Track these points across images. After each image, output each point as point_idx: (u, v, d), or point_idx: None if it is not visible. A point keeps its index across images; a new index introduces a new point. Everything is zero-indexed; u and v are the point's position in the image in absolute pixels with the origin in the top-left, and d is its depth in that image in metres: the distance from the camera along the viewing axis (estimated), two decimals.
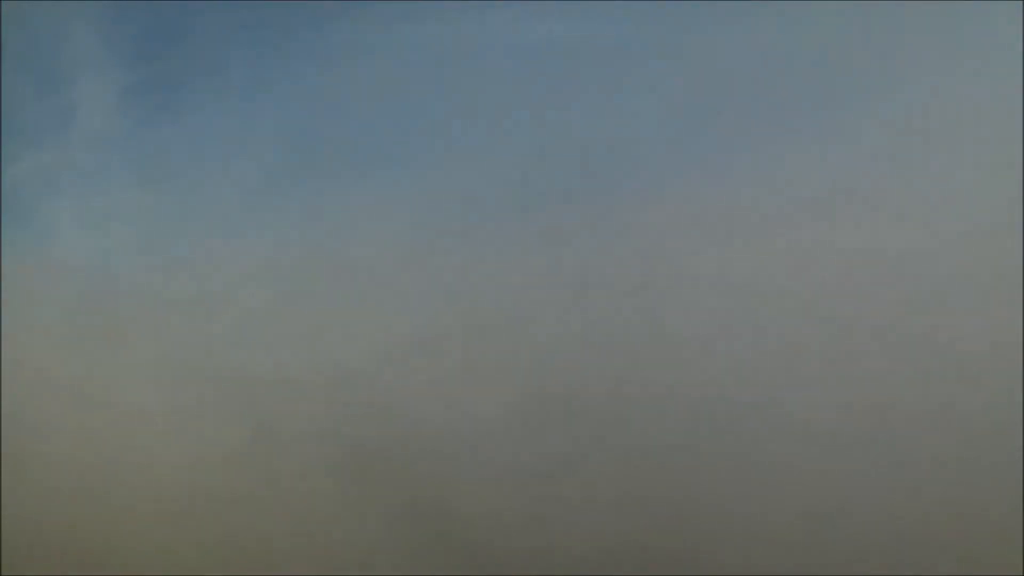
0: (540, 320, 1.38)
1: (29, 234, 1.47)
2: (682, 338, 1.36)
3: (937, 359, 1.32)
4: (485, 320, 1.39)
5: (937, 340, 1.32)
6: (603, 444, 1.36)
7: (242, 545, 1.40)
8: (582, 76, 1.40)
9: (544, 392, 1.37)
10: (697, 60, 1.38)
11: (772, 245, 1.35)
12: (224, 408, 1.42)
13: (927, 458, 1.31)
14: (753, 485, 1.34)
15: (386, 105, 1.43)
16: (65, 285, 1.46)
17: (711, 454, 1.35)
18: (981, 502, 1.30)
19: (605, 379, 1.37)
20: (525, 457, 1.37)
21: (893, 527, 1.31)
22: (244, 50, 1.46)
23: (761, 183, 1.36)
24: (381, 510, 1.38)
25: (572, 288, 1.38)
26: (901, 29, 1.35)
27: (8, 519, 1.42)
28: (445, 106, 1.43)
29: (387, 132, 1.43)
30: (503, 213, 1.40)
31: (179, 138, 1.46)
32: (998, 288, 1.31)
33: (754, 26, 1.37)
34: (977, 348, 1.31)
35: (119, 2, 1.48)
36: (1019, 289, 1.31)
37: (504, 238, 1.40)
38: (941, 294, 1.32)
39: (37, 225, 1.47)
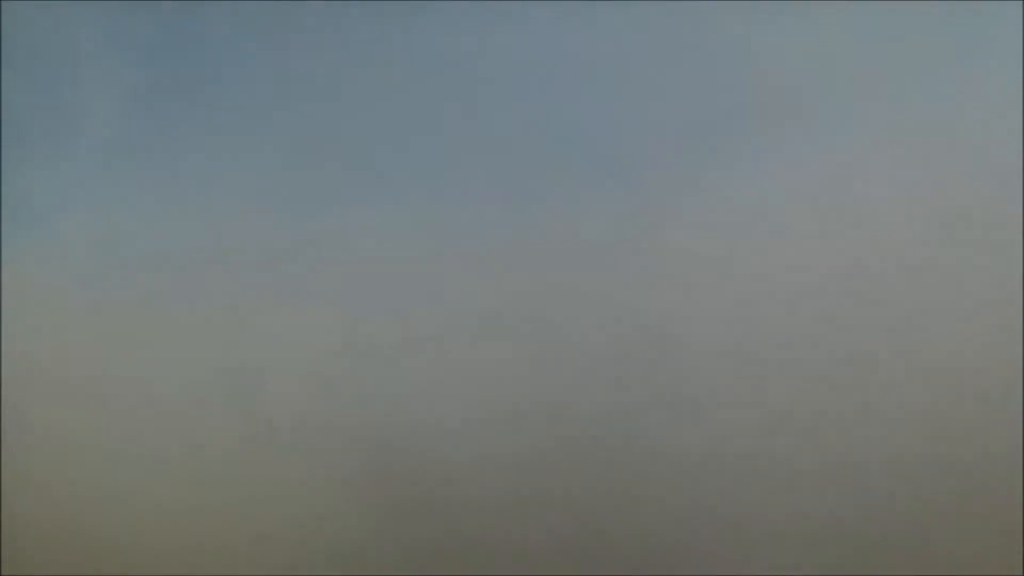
0: (542, 319, 1.38)
1: (29, 234, 1.47)
2: (684, 338, 1.36)
3: (937, 359, 1.32)
4: (486, 318, 1.39)
5: (938, 340, 1.32)
6: (604, 444, 1.36)
7: (242, 544, 1.40)
8: (586, 78, 1.40)
9: (547, 389, 1.38)
10: (699, 63, 1.38)
11: (773, 245, 1.35)
12: (225, 406, 1.42)
13: (927, 458, 1.31)
14: (752, 485, 1.34)
15: (393, 108, 1.43)
16: (65, 285, 1.46)
17: (710, 453, 1.35)
18: (981, 502, 1.30)
19: (607, 379, 1.37)
20: (526, 455, 1.37)
21: (893, 527, 1.31)
22: (248, 52, 1.46)
23: (762, 185, 1.36)
24: (381, 507, 1.38)
25: (574, 288, 1.38)
26: (901, 29, 1.35)
27: (8, 519, 1.42)
28: (451, 109, 1.43)
29: (393, 135, 1.43)
30: (504, 214, 1.40)
31: (181, 139, 1.46)
32: (998, 288, 1.31)
33: (753, 28, 1.37)
34: (977, 348, 1.31)
35: (121, 2, 1.48)
36: (1019, 289, 1.31)
37: (505, 239, 1.40)
38: (942, 294, 1.32)
39: (38, 225, 1.47)
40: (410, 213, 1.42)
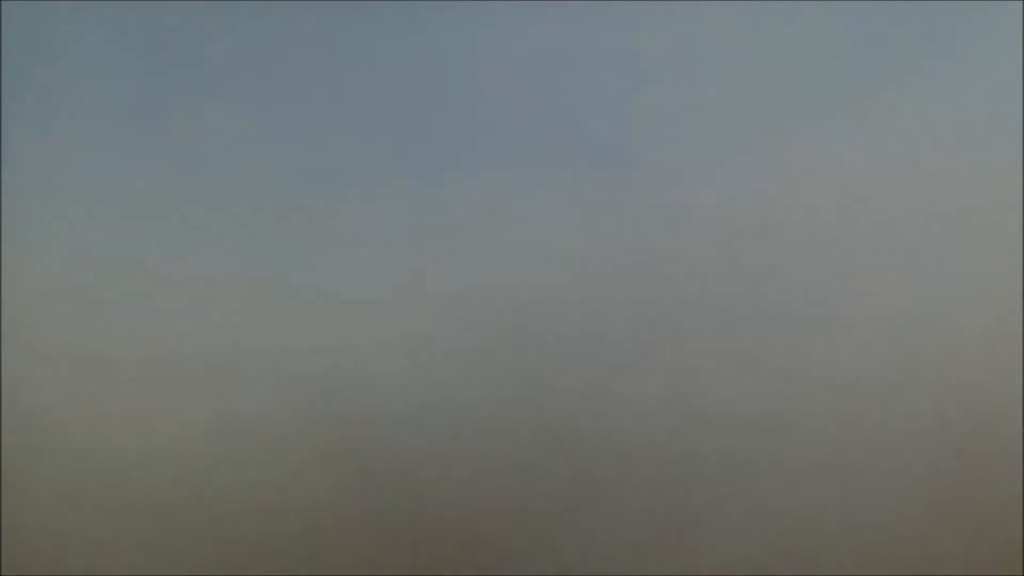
0: (540, 318, 1.38)
1: (30, 232, 1.47)
2: (683, 337, 1.36)
3: (937, 359, 1.32)
4: (485, 317, 1.39)
5: (937, 340, 1.32)
6: (602, 441, 1.37)
7: (242, 543, 1.40)
8: (585, 78, 1.41)
9: (542, 388, 1.38)
10: (698, 61, 1.38)
11: (773, 244, 1.35)
12: (223, 404, 1.42)
13: (927, 458, 1.31)
14: (751, 483, 1.34)
15: (392, 103, 1.44)
16: (65, 282, 1.46)
17: (705, 448, 1.35)
18: (981, 502, 1.30)
19: (608, 378, 1.37)
20: (519, 451, 1.37)
21: (893, 527, 1.31)
22: (246, 51, 1.46)
23: (762, 184, 1.36)
24: (372, 505, 1.38)
25: (574, 286, 1.38)
26: (901, 29, 1.35)
27: (8, 519, 1.42)
28: (449, 109, 1.43)
29: (392, 128, 1.43)
30: (503, 211, 1.41)
31: (181, 137, 1.47)
32: (998, 288, 1.31)
33: (755, 27, 1.37)
34: (977, 348, 1.31)
35: (122, 3, 1.48)
36: (1019, 289, 1.31)
37: (504, 235, 1.40)
38: (941, 294, 1.32)
39: (39, 223, 1.47)
40: (406, 206, 1.42)
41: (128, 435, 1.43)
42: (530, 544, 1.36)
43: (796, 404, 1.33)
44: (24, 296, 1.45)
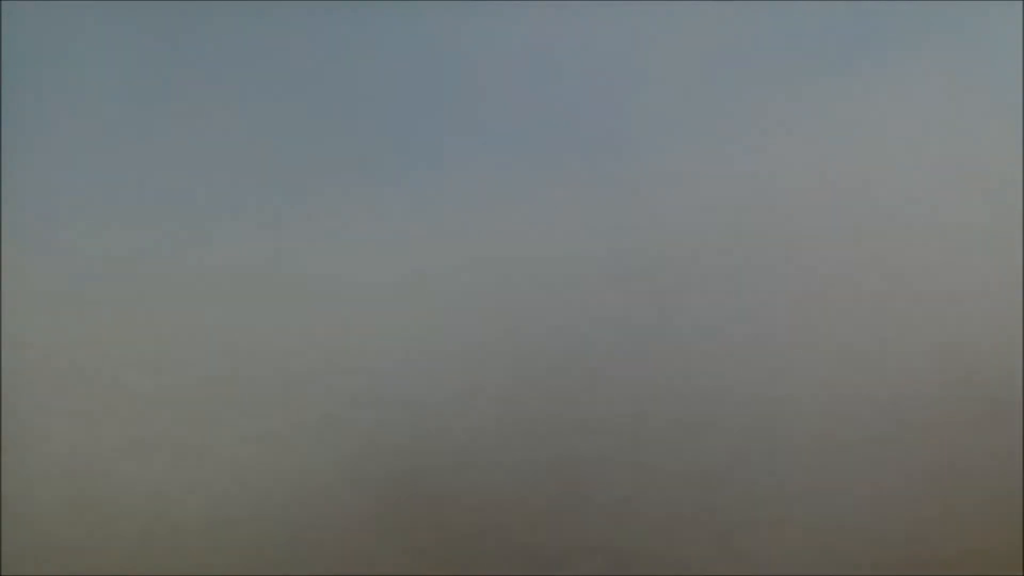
0: (540, 319, 1.39)
1: (30, 231, 1.47)
2: (685, 327, 1.36)
3: (937, 357, 1.32)
4: (485, 317, 1.39)
5: (936, 338, 1.32)
6: (602, 440, 1.37)
7: (243, 543, 1.40)
8: (585, 78, 1.41)
9: (541, 387, 1.38)
10: (698, 62, 1.38)
11: (773, 242, 1.36)
12: (222, 404, 1.42)
13: (927, 458, 1.31)
14: (749, 477, 1.34)
15: (393, 99, 1.44)
16: (66, 284, 1.46)
17: (706, 446, 1.35)
18: (981, 502, 1.30)
19: (610, 370, 1.37)
20: (518, 450, 1.37)
21: (893, 526, 1.32)
22: (243, 49, 1.46)
23: (762, 183, 1.37)
24: (372, 504, 1.39)
25: (573, 286, 1.39)
26: (901, 28, 1.35)
27: (8, 519, 1.42)
28: (449, 109, 1.43)
29: (392, 132, 1.44)
30: (503, 211, 1.41)
31: (179, 135, 1.47)
32: (998, 287, 1.31)
33: (756, 28, 1.38)
34: (977, 348, 1.31)
35: (122, 3, 1.48)
36: (1019, 289, 1.31)
37: (504, 235, 1.40)
38: (940, 292, 1.32)
39: (39, 223, 1.47)
40: (406, 206, 1.42)
41: (127, 435, 1.43)
42: (531, 542, 1.36)
43: (796, 403, 1.34)
44: (24, 296, 1.45)
